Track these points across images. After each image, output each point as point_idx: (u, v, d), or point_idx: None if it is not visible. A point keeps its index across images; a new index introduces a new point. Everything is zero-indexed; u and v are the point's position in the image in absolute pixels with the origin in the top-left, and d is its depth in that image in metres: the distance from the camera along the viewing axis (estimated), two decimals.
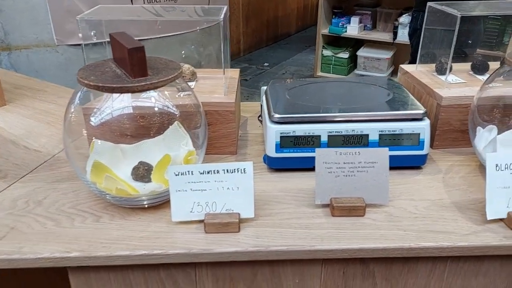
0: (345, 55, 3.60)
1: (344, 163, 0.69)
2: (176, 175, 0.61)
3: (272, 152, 0.78)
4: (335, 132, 0.78)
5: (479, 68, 0.95)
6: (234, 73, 0.97)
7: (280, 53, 4.67)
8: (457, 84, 0.90)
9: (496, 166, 0.65)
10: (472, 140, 0.79)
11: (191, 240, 0.62)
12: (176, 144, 0.72)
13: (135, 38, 0.64)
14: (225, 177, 0.61)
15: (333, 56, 3.63)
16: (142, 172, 0.68)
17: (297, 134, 0.77)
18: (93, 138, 0.71)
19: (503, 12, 0.95)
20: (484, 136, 0.78)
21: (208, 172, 0.61)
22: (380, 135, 0.78)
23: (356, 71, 3.62)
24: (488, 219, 0.65)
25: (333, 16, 3.60)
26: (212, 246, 0.61)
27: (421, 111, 0.79)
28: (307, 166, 0.77)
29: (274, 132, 0.77)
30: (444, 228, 0.65)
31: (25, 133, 0.96)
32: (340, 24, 3.53)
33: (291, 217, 0.68)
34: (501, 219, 0.66)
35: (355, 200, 0.68)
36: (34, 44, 1.98)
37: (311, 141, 0.78)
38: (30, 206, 0.70)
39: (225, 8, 0.84)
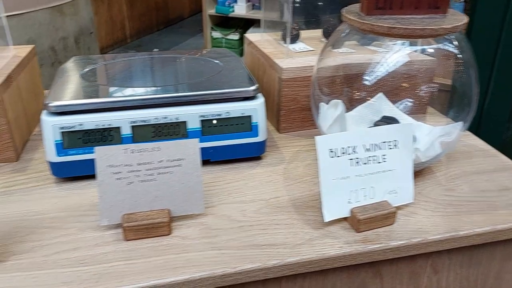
0: (235, 36, 3.43)
1: (138, 164, 0.49)
2: None
3: (52, 156, 0.56)
4: (141, 121, 0.58)
5: (331, 32, 0.82)
6: (22, 51, 0.72)
7: (172, 38, 4.37)
8: (304, 52, 0.75)
9: (330, 151, 0.50)
10: (316, 119, 0.65)
11: None
12: None
13: None
14: None
15: (223, 38, 3.44)
16: None
17: (86, 127, 0.56)
18: None
19: None
20: (328, 113, 0.64)
21: None
22: (202, 121, 0.60)
23: None
24: (325, 221, 0.51)
25: None
26: None
27: (252, 88, 0.62)
28: None
29: (51, 127, 0.55)
30: (273, 239, 0.50)
31: None
32: (227, 3, 3.34)
33: (63, 249, 0.47)
34: (344, 218, 0.52)
35: (155, 215, 0.50)
36: None
37: (109, 136, 0.58)
38: None
39: None
